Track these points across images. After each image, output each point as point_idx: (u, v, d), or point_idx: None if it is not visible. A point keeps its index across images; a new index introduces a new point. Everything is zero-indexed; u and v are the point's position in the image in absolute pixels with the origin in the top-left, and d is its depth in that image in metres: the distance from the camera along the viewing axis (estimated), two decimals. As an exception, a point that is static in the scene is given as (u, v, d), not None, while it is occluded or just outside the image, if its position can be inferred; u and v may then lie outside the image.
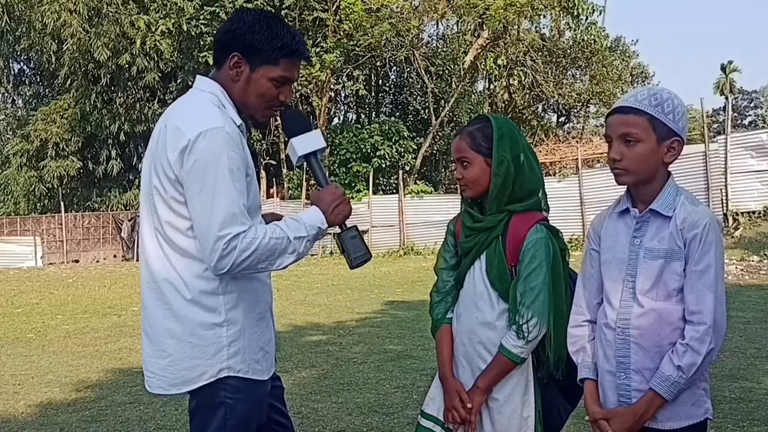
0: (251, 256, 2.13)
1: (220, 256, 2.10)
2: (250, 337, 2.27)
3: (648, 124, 2.07)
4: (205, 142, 2.13)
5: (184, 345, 2.23)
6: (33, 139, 30.33)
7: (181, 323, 2.23)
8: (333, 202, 2.31)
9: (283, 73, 2.31)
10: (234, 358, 2.24)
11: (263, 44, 2.27)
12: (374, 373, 6.30)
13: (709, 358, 2.03)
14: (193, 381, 2.24)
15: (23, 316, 11.83)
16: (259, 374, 2.30)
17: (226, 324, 2.23)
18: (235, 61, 2.28)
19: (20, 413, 5.54)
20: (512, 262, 2.37)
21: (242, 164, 2.19)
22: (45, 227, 29.46)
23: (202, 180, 2.12)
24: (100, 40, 27.24)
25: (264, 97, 2.32)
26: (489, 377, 2.36)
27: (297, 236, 2.21)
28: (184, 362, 2.23)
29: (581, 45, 31.25)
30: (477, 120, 2.50)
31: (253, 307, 2.29)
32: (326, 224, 2.29)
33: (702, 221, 2.05)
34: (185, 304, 2.22)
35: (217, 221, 2.10)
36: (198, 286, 2.22)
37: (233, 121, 2.26)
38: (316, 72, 25.81)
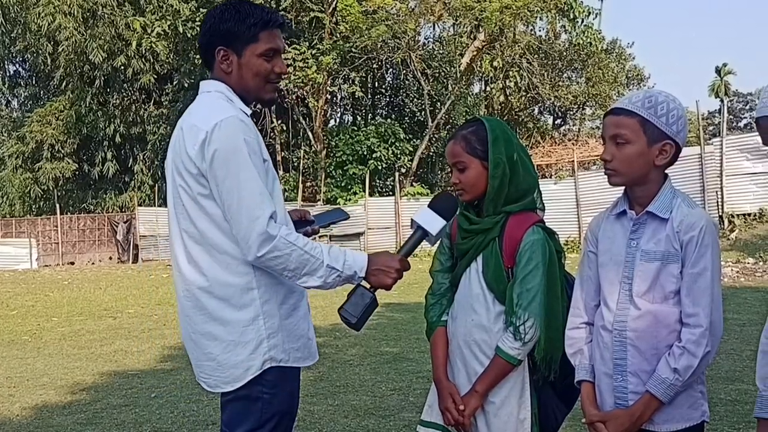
0: (282, 257, 2.18)
1: (258, 243, 2.15)
2: (287, 327, 2.33)
3: (638, 125, 2.08)
4: (222, 132, 2.20)
5: (227, 345, 2.29)
6: (28, 140, 30.27)
7: (221, 325, 2.29)
8: (384, 265, 2.33)
9: (267, 45, 2.36)
10: (275, 349, 2.29)
11: (238, 27, 2.34)
12: (370, 376, 6.29)
13: (705, 360, 2.03)
14: (241, 377, 2.29)
15: (18, 318, 11.80)
16: (301, 362, 2.36)
17: (262, 317, 2.28)
18: (222, 54, 2.36)
19: (15, 416, 5.52)
20: (509, 264, 2.36)
21: (259, 149, 2.26)
22: (40, 229, 29.40)
23: (225, 167, 2.19)
24: (95, 42, 27.19)
25: (260, 74, 2.38)
26: (487, 381, 2.35)
27: (331, 265, 2.24)
28: (231, 360, 2.29)
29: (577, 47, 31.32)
30: (470, 123, 2.50)
31: (287, 299, 2.34)
32: (363, 274, 2.31)
33: (699, 224, 2.06)
34: (221, 306, 2.29)
35: (249, 204, 2.17)
36: (230, 283, 2.27)
37: (243, 111, 2.35)
38: (312, 74, 25.81)
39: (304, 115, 29.28)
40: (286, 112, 29.24)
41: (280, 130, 29.22)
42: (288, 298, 2.34)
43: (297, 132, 30.18)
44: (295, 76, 25.81)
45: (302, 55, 26.02)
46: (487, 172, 2.38)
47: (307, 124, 28.97)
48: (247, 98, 2.41)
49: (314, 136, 28.59)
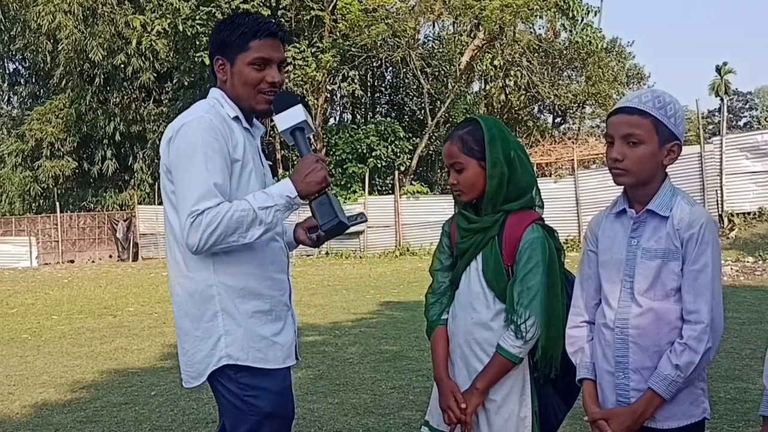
0: (217, 230, 2.19)
1: (188, 233, 2.20)
2: (249, 327, 2.34)
3: (652, 126, 2.08)
4: (185, 130, 2.30)
5: (193, 340, 2.37)
6: (28, 138, 30.24)
7: (189, 320, 2.37)
8: (305, 170, 2.34)
9: (257, 54, 2.39)
10: (232, 346, 2.32)
11: (230, 36, 2.41)
12: (370, 374, 6.29)
13: (706, 357, 2.04)
14: (203, 373, 2.35)
15: (18, 316, 11.80)
16: (263, 362, 2.35)
17: (221, 314, 2.33)
18: (219, 64, 2.44)
19: (15, 414, 5.52)
20: (508, 262, 2.36)
21: (219, 147, 2.28)
22: (40, 227, 29.39)
23: (180, 164, 2.28)
24: (95, 40, 27.17)
25: (249, 83, 2.41)
26: (487, 378, 2.35)
27: (262, 206, 2.26)
28: (196, 355, 2.37)
29: (577, 46, 31.31)
30: (466, 123, 2.49)
31: (249, 300, 2.35)
32: (295, 193, 2.32)
33: (699, 221, 2.06)
34: (189, 301, 2.36)
35: (189, 199, 2.22)
36: (195, 280, 2.34)
37: (228, 114, 2.40)
38: (312, 72, 25.80)
39: (303, 113, 29.23)
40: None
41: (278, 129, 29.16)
42: (250, 299, 2.35)
43: (297, 130, 30.12)
44: (295, 74, 25.81)
45: (302, 54, 26.01)
46: (484, 172, 2.37)
47: (306, 122, 28.92)
48: (243, 107, 2.45)
49: (314, 135, 28.58)
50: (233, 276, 2.33)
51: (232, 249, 2.28)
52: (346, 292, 13.20)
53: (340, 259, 22.90)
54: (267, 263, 2.41)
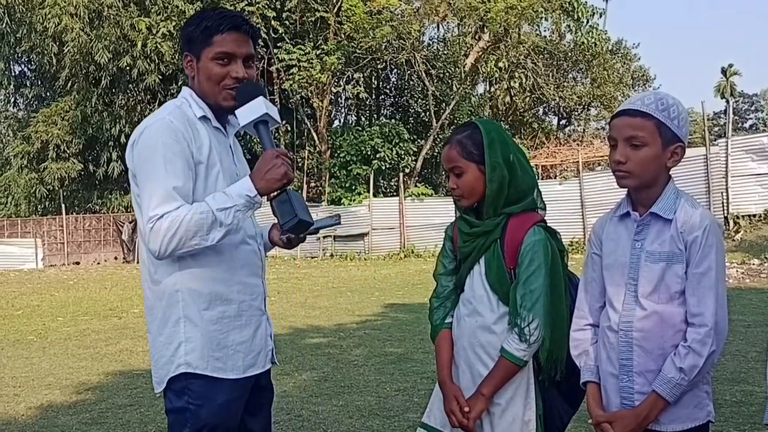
0: (177, 234, 2.15)
1: (149, 238, 2.17)
2: (210, 335, 2.29)
3: (655, 128, 2.08)
4: (146, 134, 2.26)
5: (158, 345, 2.34)
6: (34, 140, 30.30)
7: (156, 324, 2.35)
8: (265, 167, 2.24)
9: (220, 48, 2.34)
10: (191, 354, 2.27)
11: (194, 32, 2.37)
12: (375, 376, 6.29)
13: (710, 360, 2.04)
14: (163, 379, 2.32)
15: (24, 318, 11.83)
16: (221, 372, 2.30)
17: (183, 320, 2.29)
18: (187, 60, 2.40)
19: (21, 415, 5.53)
20: (511, 265, 2.36)
21: (180, 149, 2.22)
22: (46, 229, 29.46)
23: (142, 168, 2.24)
24: (101, 43, 27.24)
25: (212, 78, 2.35)
26: (493, 383, 2.35)
27: (221, 207, 2.19)
28: (159, 360, 2.34)
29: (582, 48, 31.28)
30: (464, 127, 2.49)
31: (214, 306, 2.30)
32: (255, 191, 2.23)
33: (702, 224, 2.06)
34: (154, 305, 2.35)
35: (149, 204, 2.18)
36: (161, 284, 2.31)
37: (195, 113, 2.35)
38: (316, 74, 25.84)
39: (308, 115, 29.30)
40: (291, 113, 29.26)
41: (285, 131, 29.25)
42: (215, 306, 2.30)
43: (301, 132, 30.22)
44: (300, 76, 25.85)
45: (306, 56, 26.05)
46: (484, 176, 2.37)
47: (311, 124, 29.00)
48: (210, 103, 2.39)
49: (318, 137, 28.61)
50: (199, 281, 2.28)
51: (198, 253, 2.23)
52: (351, 294, 13.20)
53: (344, 261, 22.90)
54: (236, 267, 2.34)
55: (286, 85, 26.69)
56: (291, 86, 26.32)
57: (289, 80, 26.27)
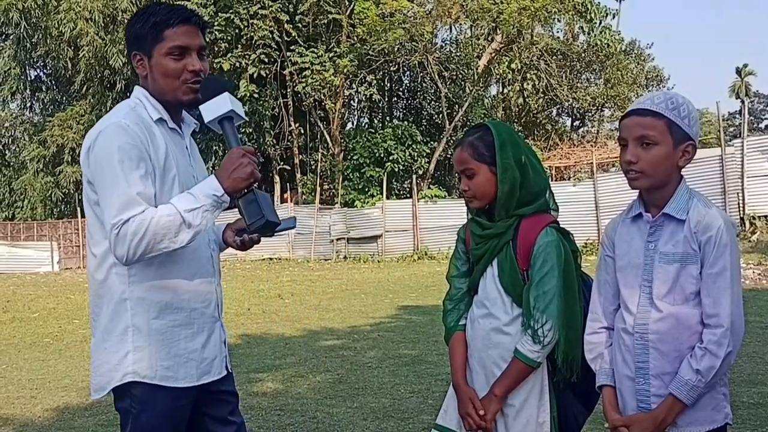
0: (145, 237, 2.10)
1: (115, 244, 2.11)
2: (159, 344, 2.24)
3: (665, 127, 2.06)
4: (101, 139, 2.19)
5: (100, 352, 2.29)
6: (50, 144, 30.58)
7: (99, 331, 2.30)
8: (231, 166, 2.19)
9: (173, 42, 2.27)
10: (139, 363, 2.23)
11: (143, 28, 2.29)
12: (389, 378, 6.29)
13: (727, 360, 2.02)
14: (104, 387, 2.28)
15: (40, 320, 11.92)
16: (172, 381, 2.26)
17: (131, 329, 2.23)
18: (137, 59, 2.32)
19: (37, 417, 5.58)
20: (524, 267, 2.35)
21: (137, 153, 2.17)
22: (61, 232, 29.67)
23: (100, 174, 2.18)
24: (115, 47, 27.45)
25: (169, 74, 2.28)
26: (506, 384, 2.34)
27: (189, 209, 2.14)
28: (101, 368, 2.29)
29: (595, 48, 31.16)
30: (475, 129, 2.49)
31: (165, 314, 2.26)
32: (221, 191, 2.18)
33: (716, 224, 2.04)
34: (99, 312, 2.30)
35: (111, 210, 2.12)
36: (108, 292, 2.26)
37: (150, 116, 2.28)
38: (329, 77, 25.88)
39: (321, 118, 29.36)
40: (304, 116, 29.33)
41: (298, 134, 29.31)
42: (165, 314, 2.25)
43: (314, 135, 30.27)
44: (313, 79, 25.90)
45: (319, 59, 26.11)
46: (495, 178, 2.37)
47: (324, 126, 29.05)
48: (168, 101, 2.33)
49: (331, 139, 28.65)
50: (149, 289, 2.23)
51: (149, 260, 2.18)
52: (365, 297, 13.20)
53: (358, 264, 22.92)
54: (189, 275, 2.29)
55: (299, 88, 26.75)
56: (304, 89, 26.38)
57: (302, 83, 26.33)
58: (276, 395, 5.81)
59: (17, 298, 16.16)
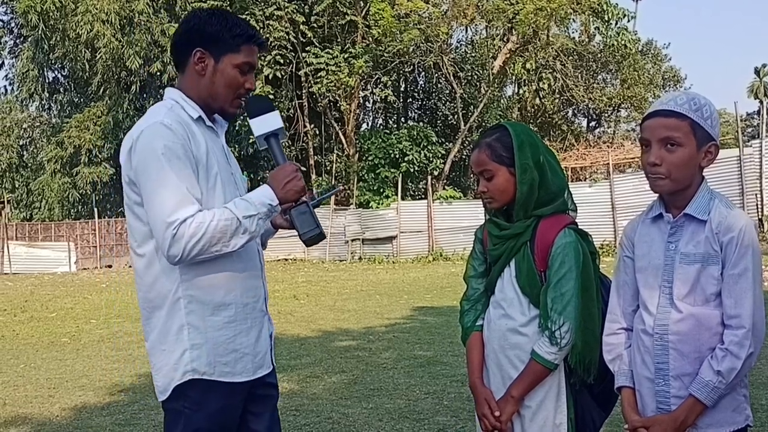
0: (201, 240, 2.14)
1: (170, 243, 2.13)
2: (215, 340, 2.28)
3: (689, 128, 2.05)
4: (144, 138, 2.23)
5: (158, 354, 2.32)
6: (67, 145, 30.83)
7: (154, 333, 2.32)
8: (284, 179, 2.31)
9: (246, 59, 2.36)
10: (197, 361, 2.26)
11: (223, 33, 2.33)
12: (404, 379, 6.28)
13: (749, 362, 2.01)
14: (166, 388, 2.30)
15: (58, 320, 12.01)
16: (229, 376, 2.30)
17: (187, 327, 2.26)
18: (198, 56, 2.34)
19: (55, 416, 5.62)
20: (541, 268, 2.34)
21: (184, 152, 2.21)
22: (79, 233, 29.91)
23: (145, 174, 2.20)
24: (132, 49, 27.65)
25: (231, 86, 2.36)
26: (522, 385, 2.34)
27: (246, 215, 2.21)
28: (162, 369, 2.31)
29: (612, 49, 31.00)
30: (493, 130, 2.47)
31: (219, 311, 2.29)
32: (276, 201, 2.29)
33: (738, 224, 2.03)
34: (151, 314, 2.32)
35: (165, 209, 2.14)
36: (160, 293, 2.28)
37: (190, 115, 2.33)
38: (344, 77, 25.92)
39: (336, 119, 29.40)
40: (319, 117, 29.40)
41: (313, 134, 29.37)
42: (220, 311, 2.29)
43: (329, 136, 30.32)
44: (328, 79, 25.95)
45: (335, 60, 26.15)
46: (514, 179, 2.36)
47: (339, 127, 29.09)
48: (211, 105, 2.38)
49: (346, 140, 28.69)
50: (201, 287, 2.26)
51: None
52: (380, 297, 13.20)
53: (373, 265, 22.92)
54: (238, 270, 2.32)
55: (314, 89, 26.80)
56: (319, 90, 26.43)
57: (317, 84, 26.37)
58: (291, 396, 5.82)
59: (35, 298, 16.29)
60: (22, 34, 33.08)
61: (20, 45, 34.77)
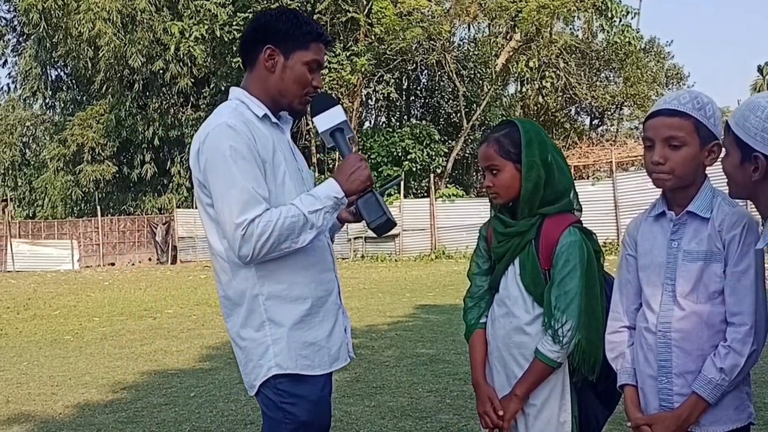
0: (270, 238, 2.17)
1: (240, 244, 2.16)
2: (293, 334, 2.31)
3: (693, 128, 2.05)
4: (210, 140, 2.25)
5: (242, 350, 2.36)
6: (70, 143, 30.87)
7: (236, 330, 2.36)
8: (349, 169, 2.32)
9: (315, 56, 2.39)
10: (280, 356, 2.29)
11: (293, 30, 2.36)
12: (407, 377, 6.29)
13: (751, 359, 2.01)
14: (254, 383, 2.34)
15: (60, 318, 12.03)
16: (310, 369, 2.32)
17: (268, 324, 2.30)
18: (269, 53, 2.36)
19: (58, 414, 5.62)
20: (546, 266, 2.34)
21: (250, 152, 2.23)
22: (81, 231, 29.94)
23: (213, 175, 2.22)
24: (134, 47, 27.67)
25: (301, 82, 2.38)
26: (526, 384, 2.34)
27: (312, 210, 2.23)
28: (247, 366, 2.36)
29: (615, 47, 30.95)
30: (502, 125, 2.47)
31: (296, 306, 2.31)
32: (342, 193, 2.30)
33: (741, 222, 2.04)
34: (235, 313, 2.35)
35: (233, 210, 2.17)
36: (238, 291, 2.32)
37: (255, 113, 2.34)
38: (347, 75, 25.91)
39: (339, 117, 29.36)
40: (322, 114, 29.35)
41: (315, 132, 29.34)
42: (297, 305, 2.32)
43: (332, 134, 30.28)
44: (330, 77, 25.95)
45: (337, 57, 26.15)
46: (520, 175, 2.35)
47: (342, 126, 29.05)
48: (279, 102, 2.40)
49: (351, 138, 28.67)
50: (277, 283, 2.29)
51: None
52: (382, 295, 13.21)
53: (375, 263, 22.93)
54: (311, 264, 2.35)
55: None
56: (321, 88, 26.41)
57: (320, 82, 26.33)
58: (294, 393, 5.81)
59: (38, 295, 16.32)
60: (25, 32, 33.12)
61: (23, 43, 34.80)
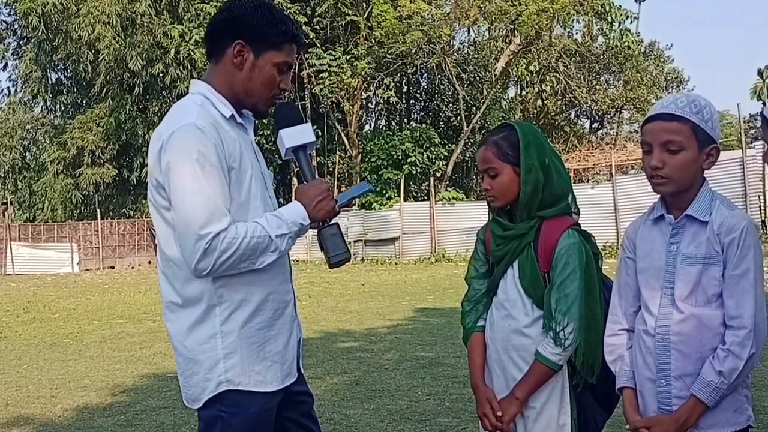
0: (232, 256, 2.05)
1: (200, 257, 2.02)
2: (248, 348, 2.18)
3: (691, 132, 2.05)
4: (176, 140, 2.09)
5: (187, 361, 2.22)
6: (70, 146, 30.85)
7: (182, 339, 2.22)
8: (316, 197, 2.21)
9: (287, 58, 2.26)
10: (232, 370, 2.16)
11: (268, 29, 2.22)
12: (406, 380, 6.28)
13: (750, 362, 2.01)
14: (198, 397, 2.21)
15: (60, 321, 12.03)
16: (262, 386, 2.20)
17: (220, 335, 2.16)
18: (238, 48, 2.22)
19: (57, 417, 5.62)
20: (545, 269, 2.35)
21: (217, 158, 2.09)
22: (81, 234, 29.91)
23: (177, 179, 2.06)
24: (134, 50, 27.67)
25: (269, 84, 2.26)
26: (527, 387, 2.34)
27: (278, 234, 2.13)
28: (191, 378, 2.21)
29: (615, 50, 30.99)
30: (501, 128, 2.47)
31: (254, 317, 2.20)
32: (308, 220, 2.20)
33: (739, 225, 2.04)
34: (181, 319, 2.21)
35: (197, 220, 2.02)
36: (189, 299, 2.18)
37: (221, 113, 2.21)
38: (347, 79, 25.93)
39: (339, 120, 29.42)
40: (321, 118, 29.40)
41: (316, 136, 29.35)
42: (256, 316, 2.19)
43: (332, 137, 30.34)
44: (330, 80, 25.96)
45: (337, 61, 26.16)
46: (519, 178, 2.36)
47: (342, 129, 29.10)
48: (243, 101, 2.27)
49: (349, 141, 28.70)
50: (236, 293, 2.16)
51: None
52: (382, 299, 13.20)
53: (375, 266, 22.92)
54: (271, 275, 2.23)
55: (316, 90, 26.82)
56: (321, 91, 26.44)
57: (320, 85, 26.39)
58: (293, 396, 5.81)
59: (38, 298, 16.32)
60: (25, 35, 33.15)
61: (23, 46, 34.82)
